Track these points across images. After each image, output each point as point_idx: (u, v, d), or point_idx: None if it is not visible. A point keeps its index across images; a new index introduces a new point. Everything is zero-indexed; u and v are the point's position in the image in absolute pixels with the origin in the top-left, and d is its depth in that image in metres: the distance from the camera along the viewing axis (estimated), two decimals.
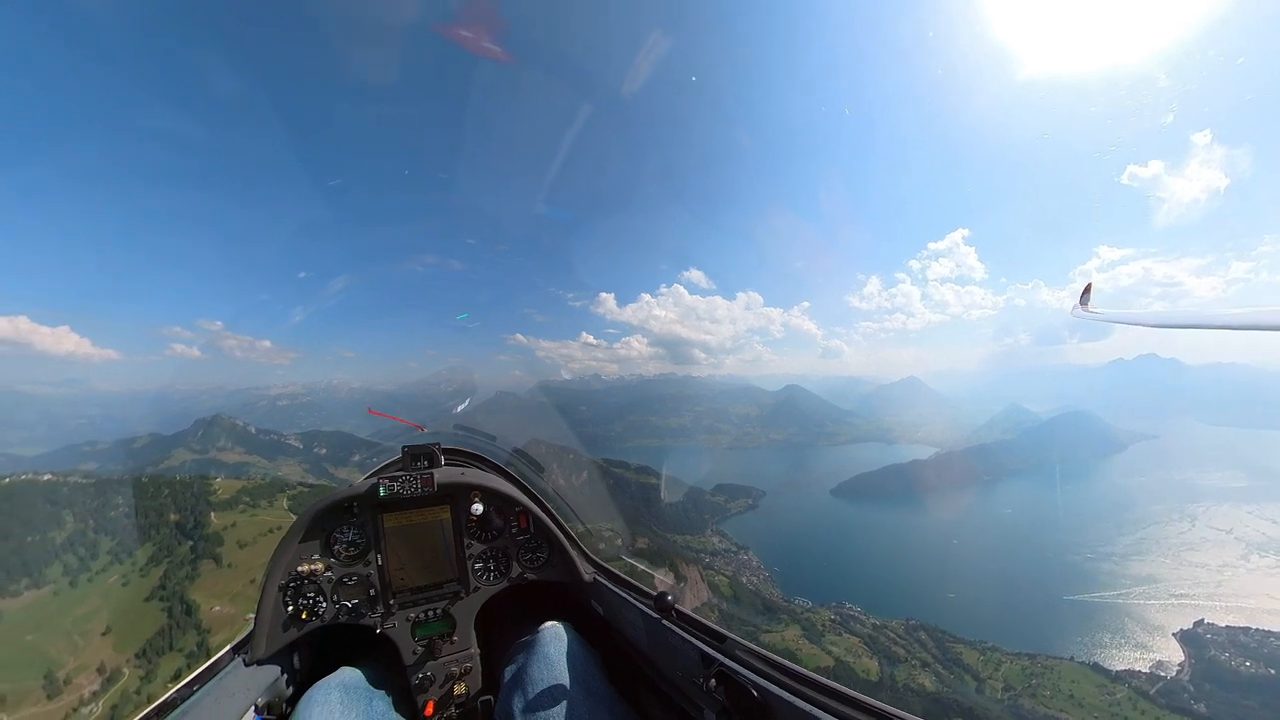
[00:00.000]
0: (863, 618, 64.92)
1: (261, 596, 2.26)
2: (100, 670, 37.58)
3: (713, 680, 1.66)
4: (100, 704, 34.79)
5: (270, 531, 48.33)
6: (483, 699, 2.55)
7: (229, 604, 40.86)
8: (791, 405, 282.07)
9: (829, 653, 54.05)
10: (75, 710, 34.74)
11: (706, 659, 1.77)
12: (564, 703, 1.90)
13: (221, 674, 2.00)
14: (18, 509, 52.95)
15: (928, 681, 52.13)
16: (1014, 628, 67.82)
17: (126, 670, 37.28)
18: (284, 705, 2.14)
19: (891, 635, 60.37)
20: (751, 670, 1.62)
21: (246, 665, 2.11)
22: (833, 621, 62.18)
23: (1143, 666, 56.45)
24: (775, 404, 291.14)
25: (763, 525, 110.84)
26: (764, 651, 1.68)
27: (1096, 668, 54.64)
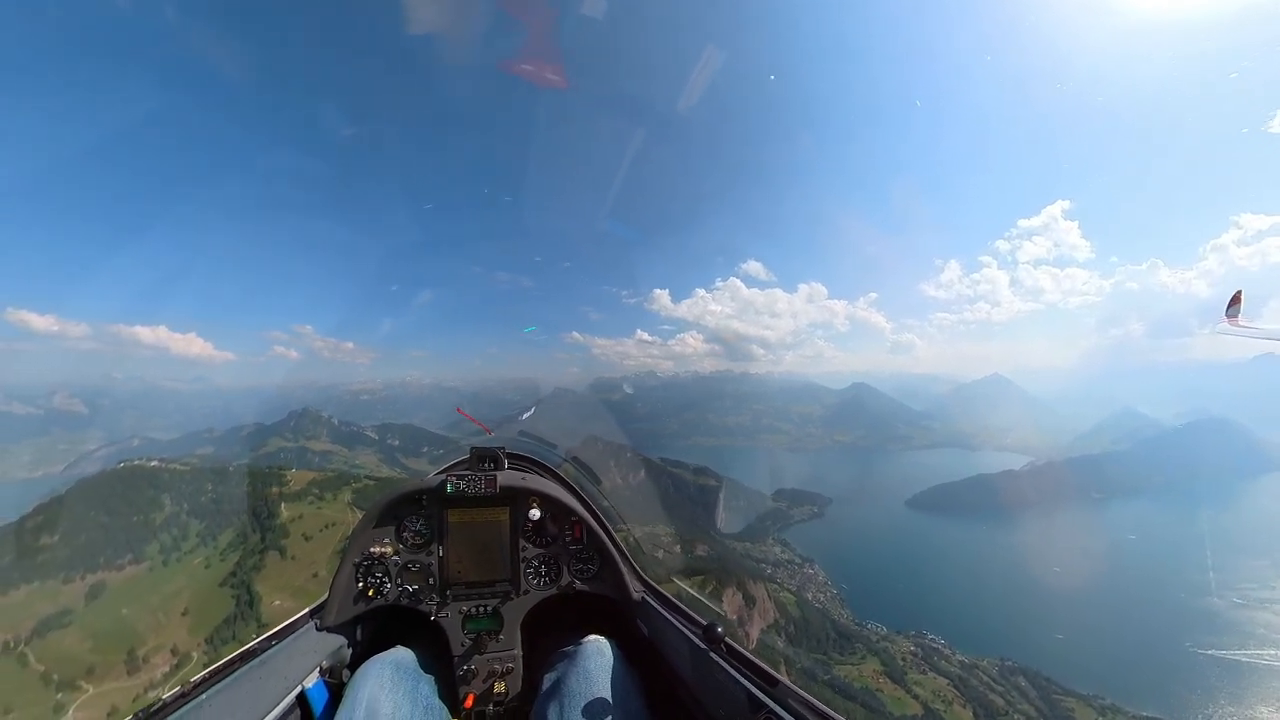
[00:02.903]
0: (948, 652, 57.61)
1: (339, 569, 2.50)
2: (174, 652, 40.27)
3: None
4: (165, 689, 36.88)
5: (329, 526, 49.89)
6: (520, 702, 2.59)
7: (289, 598, 42.22)
8: (858, 405, 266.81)
9: (915, 696, 47.64)
10: (145, 692, 37.18)
11: (754, 702, 1.64)
12: None
13: (297, 633, 2.27)
14: (128, 491, 58.94)
15: None
16: (1138, 683, 57.39)
17: (195, 654, 39.63)
18: (344, 671, 2.26)
19: (985, 678, 52.73)
20: None
21: (318, 630, 2.37)
22: (913, 655, 55.42)
23: None
24: (840, 403, 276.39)
25: (829, 536, 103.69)
26: (820, 705, 1.52)
27: None
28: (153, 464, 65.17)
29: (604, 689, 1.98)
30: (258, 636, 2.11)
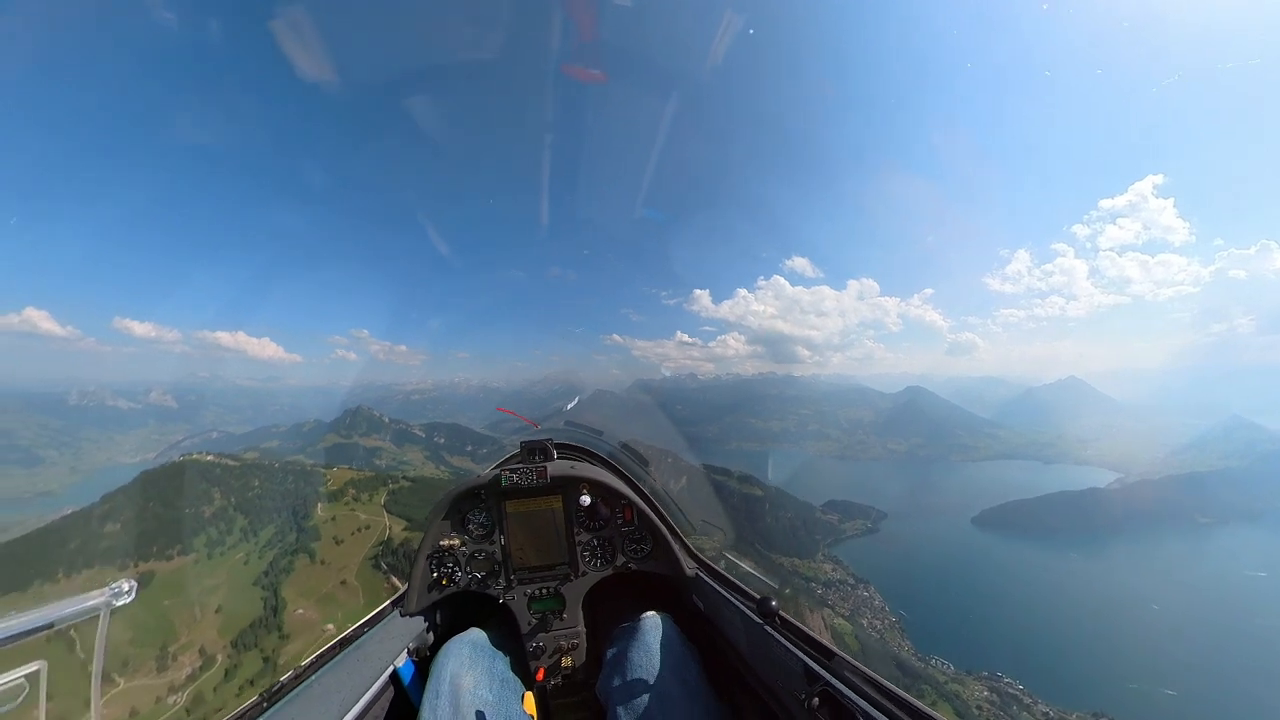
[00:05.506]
0: (1029, 701, 50.32)
1: (415, 562, 2.77)
2: (201, 652, 40.37)
3: (816, 699, 1.55)
4: (184, 695, 36.92)
5: (361, 529, 49.28)
6: (585, 674, 2.79)
7: (313, 607, 41.39)
8: (914, 410, 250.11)
9: None
10: (166, 694, 37.21)
11: (811, 675, 1.65)
12: (660, 691, 2.01)
13: (384, 621, 2.56)
14: (184, 485, 61.34)
15: None
16: None
17: (219, 658, 39.55)
18: (427, 652, 2.51)
19: None
20: (863, 697, 1.46)
21: (402, 616, 2.63)
22: (988, 701, 48.57)
23: None
24: (894, 408, 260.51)
25: (884, 554, 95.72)
26: (879, 678, 1.49)
27: None
28: (208, 458, 67.90)
29: (663, 661, 2.12)
30: (353, 625, 2.39)
